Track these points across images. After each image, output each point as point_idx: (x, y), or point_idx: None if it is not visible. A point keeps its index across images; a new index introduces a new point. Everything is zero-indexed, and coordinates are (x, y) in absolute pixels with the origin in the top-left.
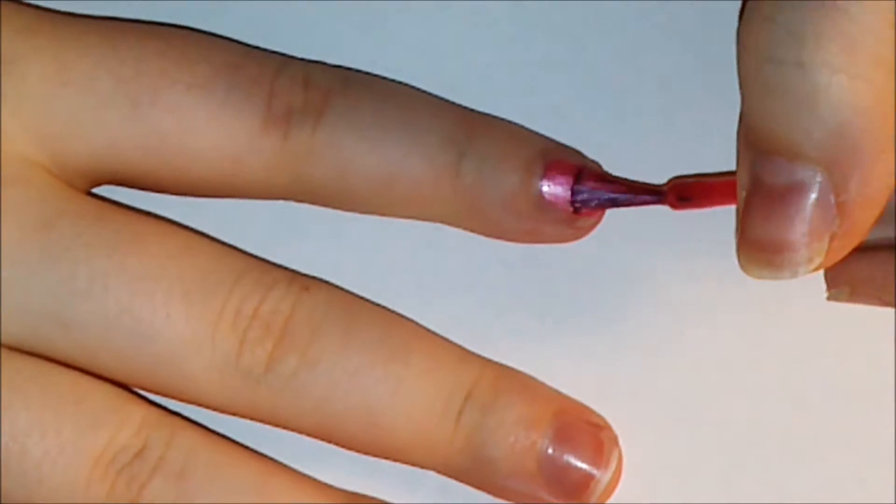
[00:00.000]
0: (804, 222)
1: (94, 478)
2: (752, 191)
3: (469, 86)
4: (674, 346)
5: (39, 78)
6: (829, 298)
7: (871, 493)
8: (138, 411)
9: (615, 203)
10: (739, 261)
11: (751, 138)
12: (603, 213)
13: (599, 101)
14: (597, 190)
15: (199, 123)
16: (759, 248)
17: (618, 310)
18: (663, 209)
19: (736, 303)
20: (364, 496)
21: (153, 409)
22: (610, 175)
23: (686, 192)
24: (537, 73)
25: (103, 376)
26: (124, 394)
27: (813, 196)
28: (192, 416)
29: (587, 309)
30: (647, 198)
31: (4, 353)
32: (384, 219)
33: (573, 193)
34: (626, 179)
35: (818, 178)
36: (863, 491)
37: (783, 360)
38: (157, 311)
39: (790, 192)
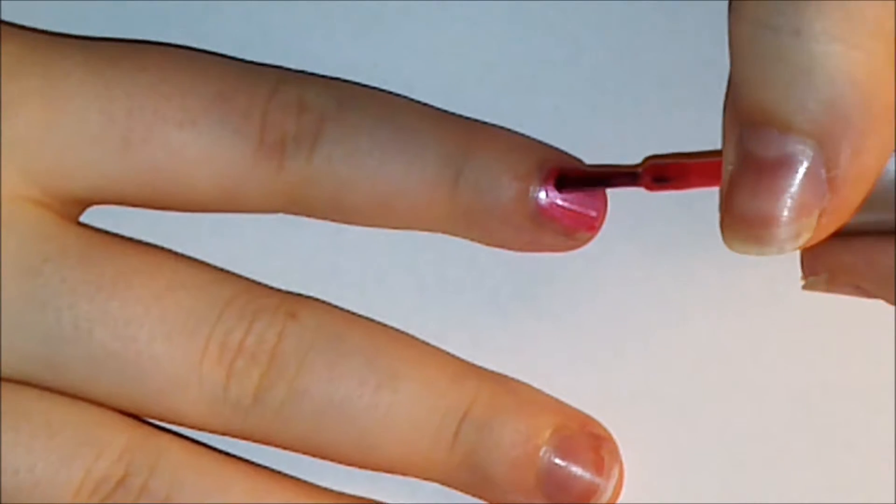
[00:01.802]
0: (793, 197)
1: None
2: (740, 164)
3: (468, 86)
4: (674, 346)
5: (29, 120)
6: (805, 287)
7: (871, 493)
8: (121, 437)
9: (590, 183)
10: (724, 236)
11: (740, 110)
12: (601, 223)
13: (599, 102)
14: (575, 176)
15: (192, 158)
16: (745, 223)
17: (618, 310)
18: (665, 207)
19: (736, 303)
20: (368, 501)
21: (139, 432)
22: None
23: (663, 172)
24: (537, 74)
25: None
26: (109, 418)
27: (803, 170)
28: None
29: (587, 310)
30: (624, 179)
31: None
32: None
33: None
34: (601, 165)
35: (809, 152)
36: (863, 491)
37: (783, 360)
38: (142, 354)
39: (780, 166)
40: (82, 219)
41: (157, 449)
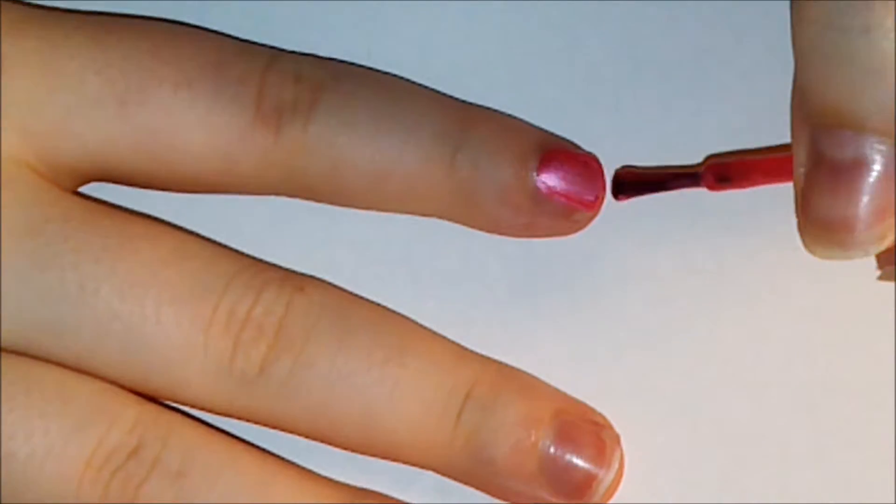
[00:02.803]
0: (872, 198)
1: (86, 479)
2: (815, 167)
3: (466, 80)
4: (673, 344)
5: (28, 80)
6: (880, 278)
7: (871, 493)
8: (132, 410)
9: (652, 189)
10: (804, 242)
11: (811, 111)
12: (600, 203)
13: (597, 96)
14: (633, 180)
15: (189, 121)
16: (825, 228)
17: (617, 307)
18: (664, 201)
19: (736, 301)
20: (368, 492)
21: (149, 407)
22: (579, 154)
23: (725, 171)
24: (534, 68)
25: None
26: (117, 392)
27: (881, 169)
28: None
29: (586, 306)
30: (684, 181)
31: None
32: (380, 214)
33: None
34: (659, 166)
35: (887, 151)
36: (863, 491)
37: (783, 359)
38: (148, 318)
39: (857, 167)
40: None
41: (167, 423)
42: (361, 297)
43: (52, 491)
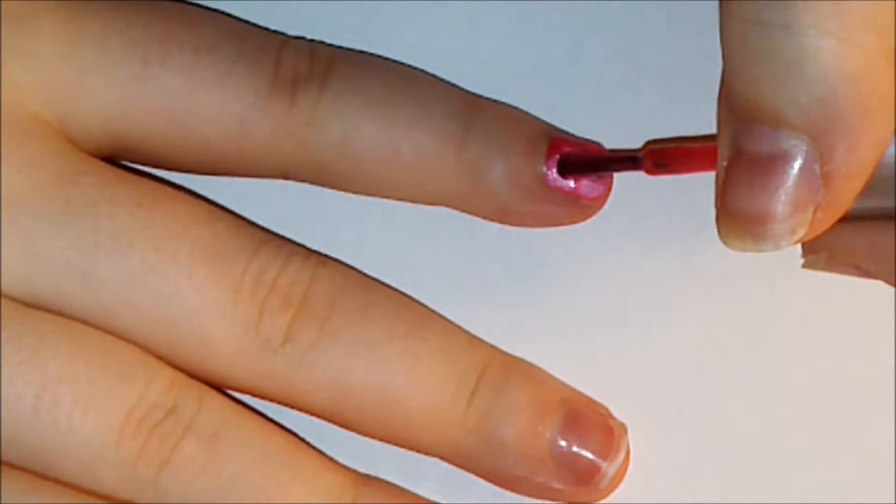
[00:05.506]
0: (788, 193)
1: (126, 433)
2: (734, 160)
3: (467, 83)
4: (674, 344)
5: (52, 36)
6: (804, 266)
7: (871, 493)
8: (167, 370)
9: (590, 168)
10: (720, 232)
11: (733, 105)
12: (607, 194)
13: (597, 99)
14: (576, 161)
15: (207, 84)
16: (740, 220)
17: (618, 309)
18: (665, 198)
19: (736, 302)
20: (379, 480)
21: (180, 372)
22: (585, 144)
23: (663, 158)
24: (535, 71)
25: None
26: (150, 354)
27: (797, 166)
28: None
29: (587, 309)
30: (625, 164)
31: (29, 308)
32: (382, 219)
33: (557, 166)
34: (601, 148)
35: (803, 147)
36: (863, 491)
37: (783, 359)
38: (181, 272)
39: (774, 162)
40: None
41: (199, 388)
42: (378, 280)
43: (94, 440)
